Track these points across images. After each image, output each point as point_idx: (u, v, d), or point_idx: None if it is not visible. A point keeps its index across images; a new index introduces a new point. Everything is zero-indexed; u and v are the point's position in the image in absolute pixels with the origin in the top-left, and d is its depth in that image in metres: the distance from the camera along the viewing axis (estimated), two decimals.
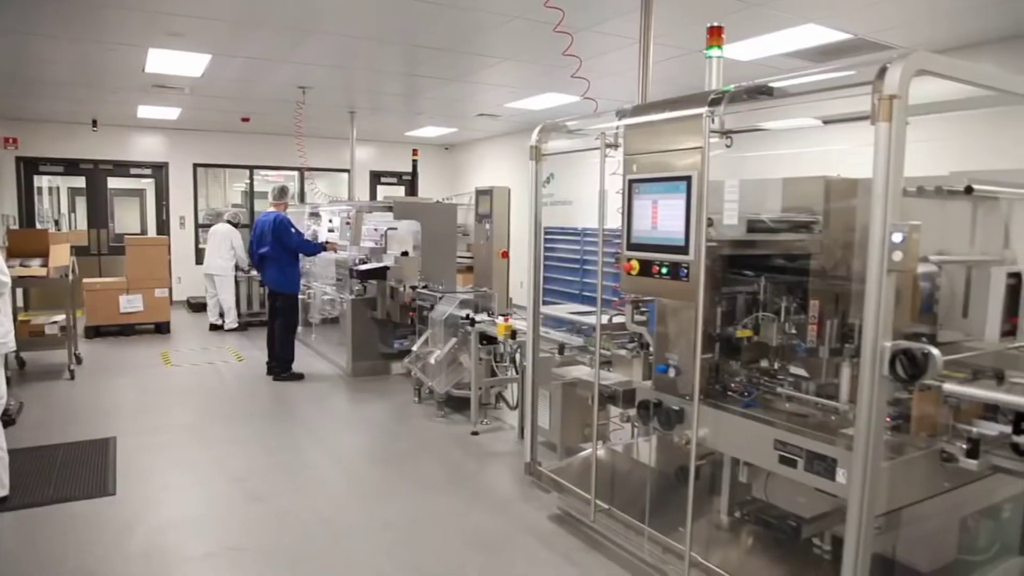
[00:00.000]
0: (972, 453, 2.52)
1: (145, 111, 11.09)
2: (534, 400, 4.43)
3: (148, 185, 13.53)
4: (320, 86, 9.02)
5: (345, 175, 11.62)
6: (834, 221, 3.13)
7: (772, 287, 3.27)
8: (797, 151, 3.78)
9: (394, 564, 3.79)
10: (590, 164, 3.68)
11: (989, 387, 2.81)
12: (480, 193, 7.40)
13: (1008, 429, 2.53)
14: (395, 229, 8.07)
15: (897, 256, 2.28)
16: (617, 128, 3.50)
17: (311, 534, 4.10)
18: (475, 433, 5.92)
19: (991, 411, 2.67)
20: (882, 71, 2.31)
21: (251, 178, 14.21)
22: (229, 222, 10.69)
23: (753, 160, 3.80)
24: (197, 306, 11.99)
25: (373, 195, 14.97)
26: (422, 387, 6.76)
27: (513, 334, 5.28)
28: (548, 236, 10.71)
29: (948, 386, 2.60)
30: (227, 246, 10.47)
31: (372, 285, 7.77)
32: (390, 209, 8.09)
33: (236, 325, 10.60)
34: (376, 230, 8.49)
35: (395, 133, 13.76)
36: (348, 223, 8.43)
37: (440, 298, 6.46)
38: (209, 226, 11.10)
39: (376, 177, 15.19)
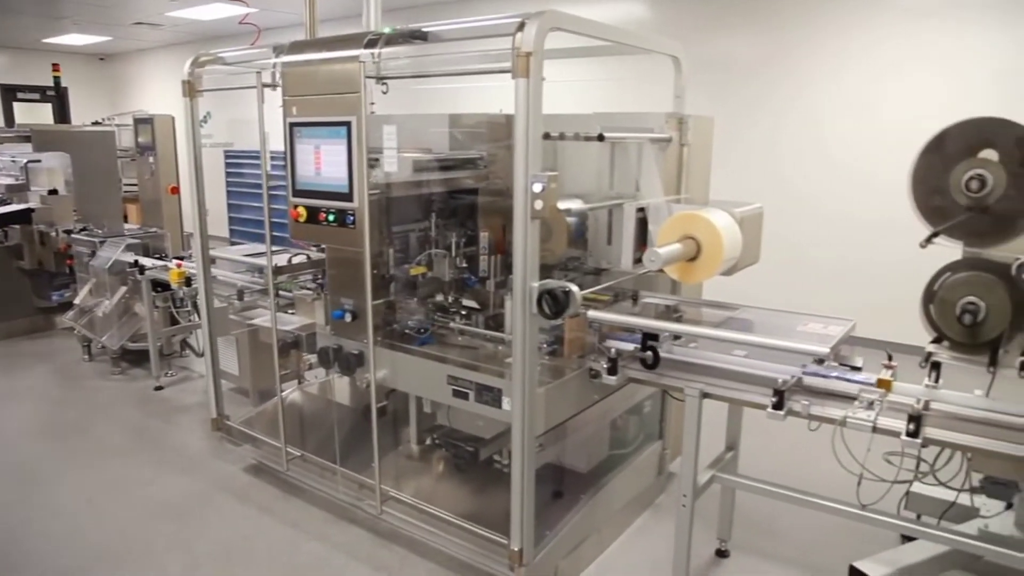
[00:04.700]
0: (612, 370, 2.87)
1: None
2: (214, 354, 4.16)
3: None
4: None
5: None
6: (497, 156, 3.27)
7: (443, 223, 3.36)
8: (467, 86, 3.85)
9: (70, 554, 3.42)
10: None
11: (626, 309, 3.22)
12: (139, 122, 6.55)
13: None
14: (38, 162, 6.92)
15: (538, 204, 2.46)
16: (275, 65, 3.27)
17: None
18: (159, 388, 5.48)
19: (629, 330, 3.06)
20: (520, 26, 2.39)
21: None
22: None
23: (426, 95, 3.80)
24: None
25: (9, 116, 12.54)
26: (92, 343, 6.05)
27: (188, 281, 4.87)
28: (235, 160, 9.99)
29: (592, 313, 2.93)
30: None
31: (15, 231, 6.63)
32: (28, 139, 6.91)
33: None
34: (15, 161, 7.20)
35: (30, 39, 11.64)
36: None
37: (102, 242, 5.74)
38: None
39: (11, 93, 12.70)
